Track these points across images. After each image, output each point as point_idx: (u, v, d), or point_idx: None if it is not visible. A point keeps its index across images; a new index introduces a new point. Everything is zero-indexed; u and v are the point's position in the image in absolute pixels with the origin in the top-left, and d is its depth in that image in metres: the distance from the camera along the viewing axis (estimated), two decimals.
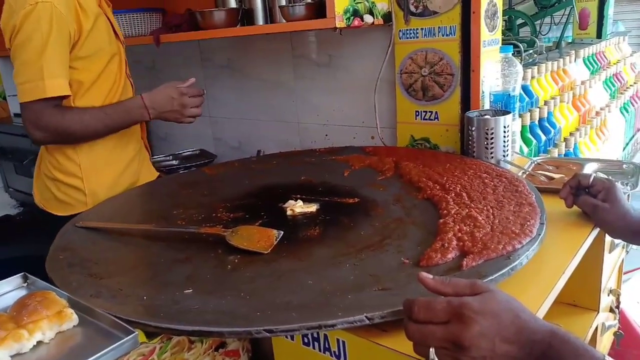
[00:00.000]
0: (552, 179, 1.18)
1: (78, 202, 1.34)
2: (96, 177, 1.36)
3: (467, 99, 1.40)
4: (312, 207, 1.11)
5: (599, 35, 2.75)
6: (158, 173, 1.58)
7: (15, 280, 0.85)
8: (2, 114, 2.57)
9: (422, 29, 1.42)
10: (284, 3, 1.53)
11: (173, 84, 1.35)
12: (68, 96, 1.24)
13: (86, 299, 0.76)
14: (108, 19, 1.36)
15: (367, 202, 1.13)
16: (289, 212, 1.10)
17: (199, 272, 0.87)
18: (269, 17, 1.60)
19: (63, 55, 1.21)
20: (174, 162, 2.00)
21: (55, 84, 1.19)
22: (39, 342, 0.68)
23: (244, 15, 1.62)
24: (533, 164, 1.29)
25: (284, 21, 1.45)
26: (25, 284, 0.85)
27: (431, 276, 0.60)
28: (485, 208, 0.95)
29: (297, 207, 1.11)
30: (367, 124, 1.66)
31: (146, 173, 1.51)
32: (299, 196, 1.17)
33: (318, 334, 0.75)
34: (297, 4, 1.42)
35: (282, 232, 0.97)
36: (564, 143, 1.77)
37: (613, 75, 2.58)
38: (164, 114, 1.34)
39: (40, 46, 1.17)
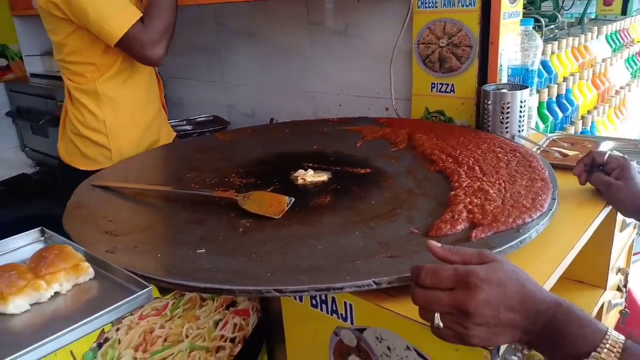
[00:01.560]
0: (566, 155, 1.18)
1: (104, 157, 1.38)
2: (120, 134, 1.39)
3: (485, 72, 1.38)
4: (323, 176, 1.12)
5: (624, 11, 2.67)
6: (175, 134, 1.60)
7: (32, 234, 0.87)
8: (18, 74, 2.59)
9: None
10: None
11: None
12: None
13: (102, 254, 0.78)
14: None
15: (379, 172, 1.13)
16: (300, 181, 1.11)
17: (211, 233, 0.89)
18: None
19: None
20: (187, 127, 2.01)
21: (131, 4, 1.25)
22: (56, 293, 0.71)
23: None
24: (548, 141, 1.28)
25: None
26: (43, 238, 0.87)
27: (439, 244, 0.61)
28: (497, 182, 0.95)
29: (308, 176, 1.12)
30: (382, 95, 1.64)
31: (165, 133, 1.53)
32: (310, 165, 1.18)
33: (326, 296, 0.77)
34: None
35: (293, 199, 0.98)
36: (581, 121, 1.75)
37: (636, 53, 2.52)
38: None
39: None
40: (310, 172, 1.13)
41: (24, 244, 0.85)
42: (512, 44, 1.35)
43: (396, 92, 1.58)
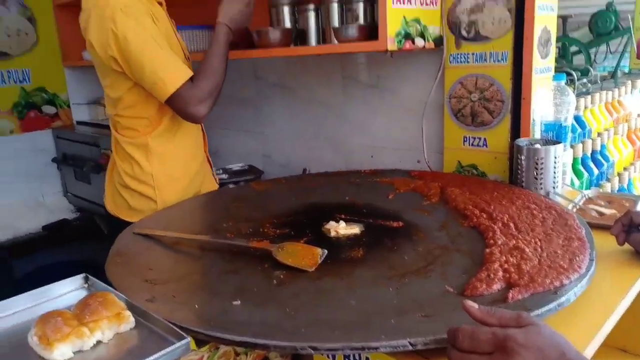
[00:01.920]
0: (603, 214, 1.16)
1: (150, 209, 1.42)
2: (166, 186, 1.44)
3: (517, 127, 1.39)
4: (356, 229, 1.13)
5: None
6: (218, 185, 1.65)
7: (77, 280, 0.91)
8: (65, 121, 2.73)
9: (473, 53, 1.43)
10: (336, 24, 1.57)
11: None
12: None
13: (142, 303, 0.80)
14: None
15: (412, 226, 1.14)
16: (332, 233, 1.12)
17: (246, 284, 0.91)
18: (322, 38, 1.65)
19: (164, 41, 1.32)
20: (223, 175, 2.06)
21: (184, 64, 1.31)
22: (98, 342, 0.73)
23: (298, 36, 1.67)
24: (584, 198, 1.27)
25: (336, 42, 1.49)
26: (86, 285, 0.91)
27: (477, 305, 0.61)
28: (533, 240, 0.95)
29: (341, 228, 1.13)
30: (414, 147, 1.67)
31: (208, 184, 1.58)
32: (343, 216, 1.20)
33: (360, 355, 0.77)
34: (349, 26, 1.45)
35: (326, 252, 0.99)
36: (617, 178, 1.72)
37: None
38: (240, 25, 1.47)
39: (156, 39, 1.27)
40: (343, 224, 1.14)
41: (69, 290, 0.89)
42: (545, 99, 1.36)
43: (428, 145, 1.60)
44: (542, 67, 1.38)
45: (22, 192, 2.59)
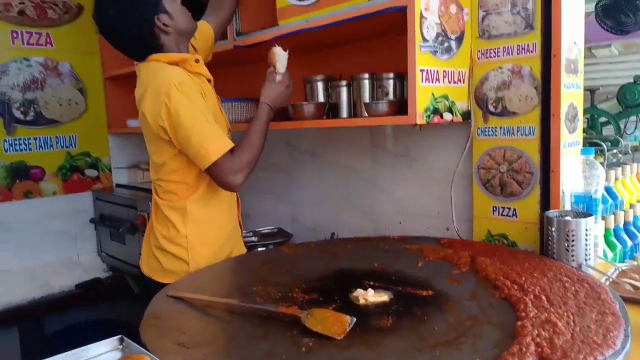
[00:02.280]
0: (638, 288, 1.13)
1: (183, 271, 1.47)
2: (199, 249, 1.49)
3: (547, 198, 1.40)
4: (384, 297, 1.13)
5: None
6: (246, 250, 1.69)
7: (112, 342, 0.94)
8: (105, 184, 2.86)
9: (500, 127, 1.47)
10: (367, 99, 1.65)
11: (279, 82, 1.56)
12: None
13: None
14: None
15: (441, 295, 1.14)
16: (361, 302, 1.12)
17: (275, 350, 0.91)
18: (353, 111, 1.73)
19: (211, 115, 1.41)
20: (253, 238, 2.10)
21: (223, 141, 1.38)
22: None
23: (330, 108, 1.76)
24: (617, 271, 1.25)
25: (367, 115, 1.56)
26: (121, 346, 0.93)
27: None
28: (565, 314, 0.93)
29: (369, 296, 1.13)
30: (442, 215, 1.68)
31: (238, 248, 1.63)
32: (372, 283, 1.20)
33: None
34: (380, 102, 1.53)
35: (355, 319, 0.99)
36: None
37: None
38: (281, 104, 1.59)
39: (204, 113, 1.37)
40: (371, 291, 1.15)
41: (105, 351, 0.91)
42: (574, 171, 1.37)
43: (457, 213, 1.62)
44: (570, 141, 1.40)
45: (59, 251, 2.68)
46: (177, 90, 1.34)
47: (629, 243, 1.60)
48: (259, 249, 1.93)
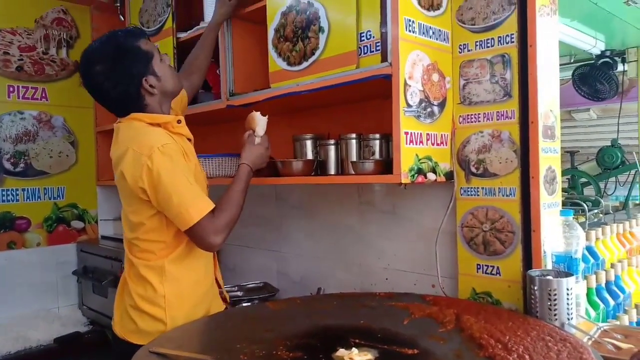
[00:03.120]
0: (619, 348, 1.15)
1: (158, 332, 1.42)
2: (177, 308, 1.45)
3: (529, 257, 1.43)
4: (368, 355, 1.12)
5: None
6: (225, 305, 1.66)
7: None
8: (91, 236, 2.84)
9: (482, 187, 1.52)
10: (354, 157, 1.70)
11: (259, 144, 1.63)
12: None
13: None
14: None
15: (427, 354, 1.13)
16: None
17: None
18: (340, 169, 1.77)
19: (192, 177, 1.43)
20: (238, 292, 2.09)
21: (205, 203, 1.40)
22: None
23: (318, 165, 1.80)
24: (599, 330, 1.26)
25: (354, 173, 1.61)
26: None
27: None
28: None
29: (354, 355, 1.12)
30: (428, 272, 1.70)
31: (215, 306, 1.60)
32: (357, 340, 1.20)
33: None
34: (366, 161, 1.58)
35: None
36: (634, 310, 1.70)
37: None
38: (260, 166, 1.64)
39: (183, 174, 1.38)
40: (355, 350, 1.14)
41: None
42: (554, 231, 1.41)
43: (442, 270, 1.64)
44: (549, 202, 1.45)
45: (38, 303, 2.61)
46: (159, 152, 1.35)
47: (611, 302, 1.63)
48: (244, 304, 1.91)
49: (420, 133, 1.44)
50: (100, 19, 2.82)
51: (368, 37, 1.48)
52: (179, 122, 1.52)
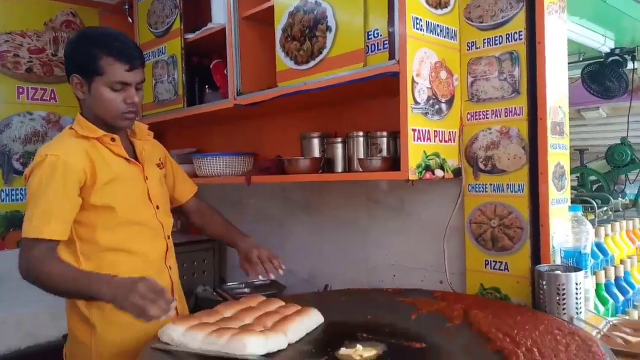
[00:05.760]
0: (628, 342, 1.14)
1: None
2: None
3: (538, 253, 1.43)
4: (373, 351, 1.10)
5: None
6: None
7: None
8: None
9: (490, 184, 1.53)
10: (362, 155, 1.71)
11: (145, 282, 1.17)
12: (60, 241, 1.30)
13: None
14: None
15: (435, 348, 1.14)
16: (356, 358, 1.08)
17: None
18: (347, 166, 1.78)
19: (63, 199, 1.30)
20: (246, 290, 2.10)
21: (47, 228, 1.27)
22: None
23: (325, 163, 1.81)
24: (608, 325, 1.26)
25: (361, 170, 1.62)
26: None
27: None
28: None
29: (359, 351, 1.11)
30: (436, 268, 1.70)
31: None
32: (364, 335, 1.21)
33: None
34: (374, 157, 1.59)
35: None
36: None
37: None
38: (122, 298, 1.14)
39: (41, 192, 1.29)
40: (359, 347, 1.11)
41: None
42: (563, 227, 1.41)
43: (450, 266, 1.64)
44: (558, 197, 1.45)
45: (47, 301, 2.61)
46: (47, 161, 1.30)
47: (621, 298, 1.62)
48: None
49: (428, 130, 1.44)
50: (109, 20, 2.84)
51: (375, 35, 1.48)
52: (112, 140, 1.41)
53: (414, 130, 1.39)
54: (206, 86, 2.22)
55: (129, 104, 1.38)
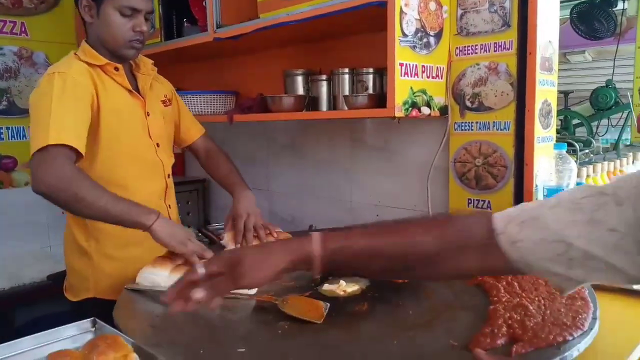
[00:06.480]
0: None
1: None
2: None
3: (521, 191, 1.43)
4: (355, 287, 1.12)
5: None
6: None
7: (85, 324, 0.92)
8: None
9: (477, 122, 1.50)
10: (347, 92, 1.66)
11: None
12: (80, 155, 1.21)
13: (148, 347, 0.81)
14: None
15: (417, 283, 1.15)
16: (340, 293, 1.11)
17: (251, 333, 0.92)
18: (332, 104, 1.74)
19: (77, 112, 1.24)
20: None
21: (67, 135, 1.17)
22: None
23: (310, 101, 1.76)
24: None
25: (346, 108, 1.57)
26: (94, 329, 0.92)
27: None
28: (536, 298, 0.96)
29: (342, 287, 1.12)
30: (419, 208, 1.70)
31: None
32: None
33: None
34: (359, 95, 1.54)
35: (329, 305, 1.01)
36: None
37: None
38: (171, 235, 1.20)
39: (55, 105, 1.20)
40: (343, 283, 1.13)
41: (77, 333, 0.90)
42: (547, 165, 1.41)
43: (433, 206, 1.64)
44: (543, 136, 1.44)
45: (30, 242, 2.61)
46: (57, 77, 1.24)
47: None
48: None
49: (416, 65, 1.39)
50: None
51: None
52: (116, 69, 1.37)
53: (401, 64, 1.34)
54: (184, 19, 2.11)
55: (136, 32, 1.35)
